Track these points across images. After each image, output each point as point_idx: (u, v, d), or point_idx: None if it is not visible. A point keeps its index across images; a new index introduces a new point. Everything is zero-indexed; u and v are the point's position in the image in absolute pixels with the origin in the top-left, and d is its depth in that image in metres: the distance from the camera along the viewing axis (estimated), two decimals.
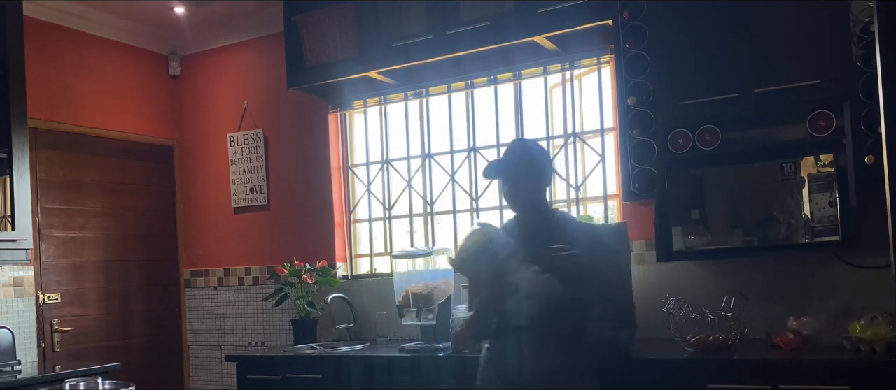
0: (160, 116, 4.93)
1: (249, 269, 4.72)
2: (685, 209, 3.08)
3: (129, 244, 4.69)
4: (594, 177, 3.75)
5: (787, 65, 2.85)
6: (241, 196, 4.74)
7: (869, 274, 2.96)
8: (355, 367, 3.44)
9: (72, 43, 4.43)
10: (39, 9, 4.19)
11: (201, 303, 4.91)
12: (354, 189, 4.48)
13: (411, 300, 3.53)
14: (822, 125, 2.81)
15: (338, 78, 3.99)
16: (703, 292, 3.21)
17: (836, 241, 2.80)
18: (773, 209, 2.92)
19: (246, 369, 3.77)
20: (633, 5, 3.15)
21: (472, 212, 4.07)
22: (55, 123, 4.31)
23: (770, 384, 2.58)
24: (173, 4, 4.45)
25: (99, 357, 4.25)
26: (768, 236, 2.93)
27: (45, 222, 4.24)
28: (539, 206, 2.65)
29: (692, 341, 2.89)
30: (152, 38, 4.87)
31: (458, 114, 4.13)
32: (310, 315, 4.14)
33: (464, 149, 4.10)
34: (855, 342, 2.64)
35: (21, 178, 3.66)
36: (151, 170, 4.87)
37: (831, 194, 2.79)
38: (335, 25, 3.94)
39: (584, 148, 3.81)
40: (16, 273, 4.02)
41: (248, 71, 4.78)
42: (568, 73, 3.82)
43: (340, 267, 4.39)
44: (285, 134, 4.63)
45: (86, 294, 4.43)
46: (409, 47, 3.73)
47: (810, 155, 2.85)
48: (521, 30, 3.45)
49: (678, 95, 3.04)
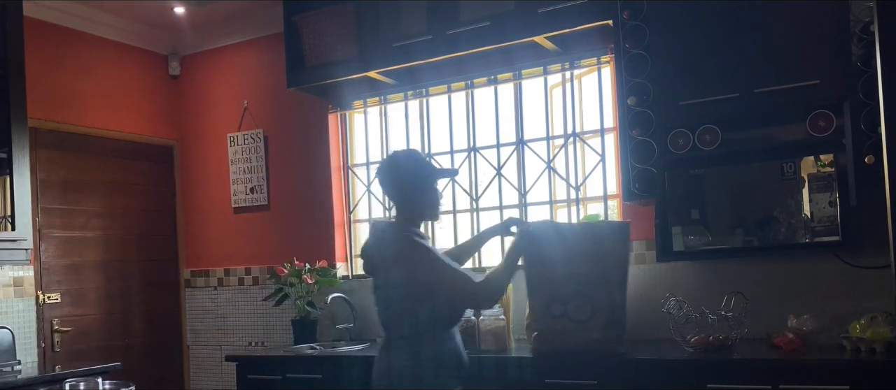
0: (160, 116, 4.93)
1: (249, 269, 4.72)
2: (685, 209, 3.08)
3: (129, 244, 4.69)
4: (594, 177, 3.75)
5: (787, 65, 2.85)
6: (241, 196, 4.74)
7: (869, 274, 2.96)
8: (355, 367, 3.43)
9: (72, 43, 4.43)
10: (39, 9, 4.19)
11: (201, 303, 4.91)
12: (354, 189, 4.48)
13: None
14: (822, 125, 2.82)
15: (338, 78, 3.99)
16: (703, 292, 3.22)
17: (836, 241, 2.81)
18: (773, 209, 2.93)
19: (246, 369, 3.77)
20: (633, 5, 3.15)
21: (472, 212, 4.07)
22: (55, 123, 4.31)
23: (770, 384, 2.58)
24: (173, 4, 4.45)
25: (99, 357, 4.25)
26: (768, 236, 2.93)
27: (45, 222, 4.24)
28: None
29: (692, 341, 2.89)
30: (152, 38, 4.87)
31: (458, 114, 4.13)
32: (310, 315, 4.14)
33: (464, 149, 4.10)
34: (855, 342, 2.64)
35: (21, 178, 3.66)
36: (151, 170, 4.87)
37: (831, 194, 2.80)
38: (335, 25, 3.94)
39: (584, 148, 3.81)
40: (16, 273, 4.02)
41: (248, 71, 4.78)
42: (568, 73, 3.82)
43: (340, 267, 4.39)
44: (285, 134, 4.63)
45: (86, 294, 4.43)
46: (409, 47, 3.73)
47: (810, 155, 2.85)
48: (521, 30, 3.45)
49: (678, 95, 3.04)
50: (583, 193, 3.80)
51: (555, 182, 3.87)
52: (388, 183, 2.68)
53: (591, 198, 3.79)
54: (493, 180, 4.01)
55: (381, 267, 2.64)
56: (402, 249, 2.54)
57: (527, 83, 3.95)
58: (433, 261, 2.51)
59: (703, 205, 3.10)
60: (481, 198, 4.05)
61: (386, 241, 2.64)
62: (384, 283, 2.62)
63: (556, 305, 2.96)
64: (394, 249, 2.58)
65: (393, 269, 2.56)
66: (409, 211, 2.65)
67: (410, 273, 2.51)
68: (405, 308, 2.56)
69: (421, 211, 2.67)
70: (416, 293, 2.52)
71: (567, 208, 3.82)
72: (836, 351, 2.69)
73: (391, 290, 2.58)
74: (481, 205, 4.05)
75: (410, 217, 2.65)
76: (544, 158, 3.88)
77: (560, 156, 3.84)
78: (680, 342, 2.96)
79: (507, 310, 3.45)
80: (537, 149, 3.91)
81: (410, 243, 2.53)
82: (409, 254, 2.52)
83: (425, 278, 2.50)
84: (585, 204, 3.80)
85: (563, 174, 3.82)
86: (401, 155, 2.71)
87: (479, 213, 4.05)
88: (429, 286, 2.50)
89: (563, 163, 3.82)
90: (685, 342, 2.93)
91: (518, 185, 3.95)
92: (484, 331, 3.32)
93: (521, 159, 3.95)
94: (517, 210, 3.95)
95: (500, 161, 3.99)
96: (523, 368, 3.06)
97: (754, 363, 2.68)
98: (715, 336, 2.89)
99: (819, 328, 2.87)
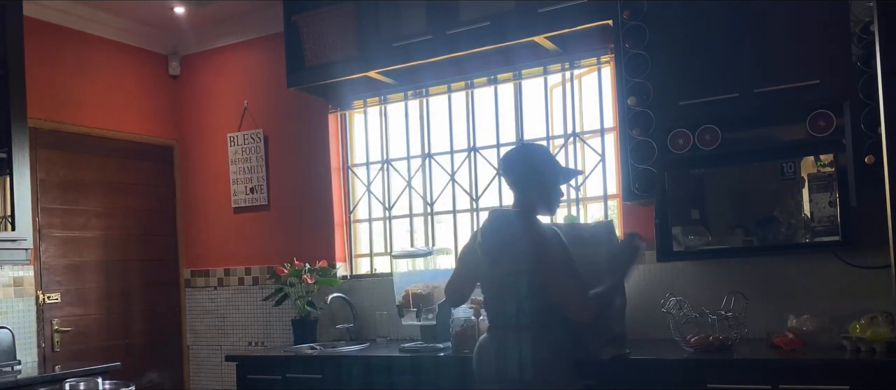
0: (160, 116, 4.93)
1: (249, 269, 4.72)
2: (685, 209, 3.08)
3: (129, 244, 4.69)
4: (594, 177, 3.76)
5: (787, 65, 2.85)
6: (241, 196, 4.74)
7: (869, 274, 2.96)
8: (355, 367, 3.44)
9: (72, 43, 4.43)
10: (39, 9, 4.19)
11: (201, 303, 4.91)
12: (354, 189, 4.48)
13: (411, 300, 3.53)
14: (822, 125, 2.82)
15: (338, 78, 4.00)
16: (703, 292, 3.22)
17: (836, 241, 2.80)
18: (773, 209, 2.92)
19: (246, 369, 3.77)
20: (633, 5, 3.14)
21: (472, 211, 4.07)
22: (55, 123, 4.31)
23: (770, 384, 2.58)
24: (173, 4, 4.45)
25: (99, 357, 4.25)
26: (768, 236, 2.93)
27: (45, 222, 4.24)
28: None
29: (692, 341, 2.89)
30: (152, 38, 4.87)
31: (458, 114, 4.13)
32: (310, 315, 4.14)
33: (464, 149, 4.10)
34: (855, 342, 2.64)
35: (21, 178, 3.66)
36: (151, 170, 4.87)
37: (831, 194, 2.79)
38: (335, 25, 3.94)
39: (584, 148, 3.81)
40: (16, 273, 4.02)
41: (248, 71, 4.78)
42: (568, 73, 3.82)
43: (340, 267, 4.39)
44: (285, 134, 4.63)
45: (86, 294, 4.43)
46: (409, 47, 3.73)
47: (810, 155, 2.85)
48: (521, 30, 3.45)
49: (678, 95, 3.04)
50: (583, 193, 3.80)
51: None
52: (518, 172, 2.70)
53: (591, 198, 3.79)
54: (492, 180, 4.01)
55: (507, 255, 2.62)
56: (547, 238, 2.55)
57: (527, 83, 3.95)
58: (568, 259, 2.53)
59: (702, 205, 3.10)
60: (481, 198, 4.05)
61: (516, 230, 2.62)
62: (511, 271, 2.60)
63: None
64: (532, 238, 2.57)
65: (527, 257, 2.55)
66: (531, 201, 2.68)
67: (547, 261, 2.52)
68: (535, 295, 2.57)
69: (546, 204, 2.71)
70: (547, 280, 2.54)
71: (567, 208, 3.82)
72: (836, 351, 2.69)
73: (520, 277, 2.57)
74: (481, 205, 4.05)
75: (531, 208, 2.68)
76: None
77: (560, 156, 3.83)
78: (680, 342, 2.96)
79: None
80: None
81: (551, 233, 2.57)
82: (551, 243, 2.54)
83: (558, 269, 2.52)
84: (585, 204, 3.80)
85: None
86: (535, 148, 2.82)
87: (478, 213, 4.05)
88: (555, 278, 2.52)
89: (564, 163, 3.82)
90: (685, 342, 2.93)
91: None
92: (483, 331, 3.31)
93: None
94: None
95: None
96: None
97: (754, 363, 2.68)
98: (715, 336, 2.89)
99: (819, 328, 2.87)
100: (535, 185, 2.68)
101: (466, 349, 3.28)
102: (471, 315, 3.34)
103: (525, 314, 2.61)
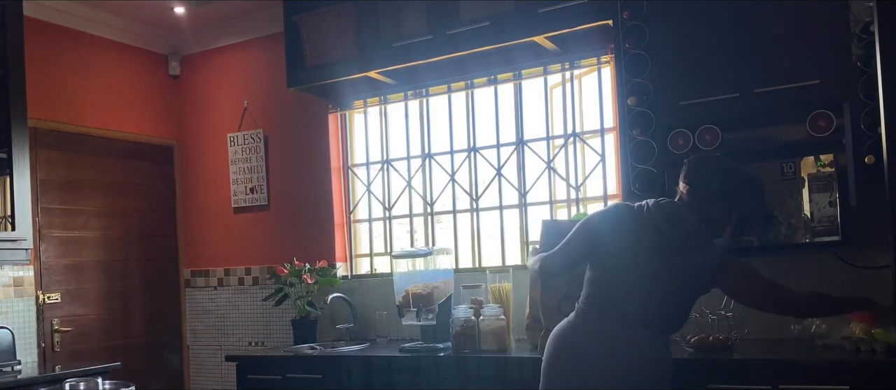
0: (160, 116, 4.93)
1: (249, 269, 4.72)
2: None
3: (129, 244, 4.69)
4: (594, 177, 3.75)
5: (787, 65, 2.84)
6: (241, 196, 4.74)
7: (869, 274, 2.95)
8: (355, 367, 3.44)
9: (72, 43, 4.43)
10: (39, 9, 4.19)
11: (201, 303, 4.91)
12: (354, 189, 4.48)
13: (411, 300, 3.53)
14: (822, 125, 2.81)
15: (338, 78, 4.00)
16: None
17: (836, 241, 2.81)
18: (773, 209, 2.92)
19: (246, 369, 3.77)
20: (633, 5, 3.14)
21: (472, 212, 4.07)
22: (55, 123, 4.31)
23: (770, 384, 2.58)
24: (173, 4, 4.45)
25: (99, 357, 4.25)
26: (768, 236, 2.93)
27: (45, 222, 4.25)
28: None
29: (692, 341, 2.89)
30: (152, 38, 4.87)
31: (458, 114, 4.13)
32: (310, 315, 4.14)
33: (464, 149, 4.10)
34: (855, 342, 2.64)
35: (21, 178, 3.66)
36: (151, 170, 4.87)
37: (831, 194, 2.80)
38: (335, 25, 3.94)
39: (584, 148, 3.81)
40: (16, 273, 4.02)
41: (248, 71, 4.78)
42: (568, 73, 3.82)
43: (340, 267, 4.39)
44: (285, 134, 4.63)
45: (86, 294, 4.43)
46: (409, 47, 3.73)
47: (810, 155, 2.85)
48: (521, 30, 3.45)
49: (678, 95, 3.04)
50: (583, 193, 3.80)
51: (555, 182, 3.87)
52: (709, 185, 2.51)
53: (592, 198, 3.79)
54: (493, 180, 4.02)
55: (681, 254, 2.45)
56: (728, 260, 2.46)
57: (527, 83, 3.95)
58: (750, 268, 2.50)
59: None
60: (481, 198, 4.05)
61: (700, 238, 2.48)
62: (674, 269, 2.45)
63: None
64: (714, 253, 2.46)
65: (698, 268, 2.46)
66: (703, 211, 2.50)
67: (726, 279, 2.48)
68: (679, 301, 2.52)
69: (719, 221, 2.55)
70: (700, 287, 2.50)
71: (567, 208, 3.82)
72: (836, 351, 2.69)
73: (681, 279, 2.47)
74: (481, 206, 4.05)
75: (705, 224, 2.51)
76: (544, 158, 3.88)
77: (560, 156, 3.84)
78: (680, 342, 2.96)
79: (508, 310, 3.45)
80: (537, 150, 3.91)
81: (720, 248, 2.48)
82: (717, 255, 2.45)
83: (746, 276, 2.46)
84: (585, 204, 3.80)
85: (563, 174, 3.82)
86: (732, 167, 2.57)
87: (479, 213, 4.06)
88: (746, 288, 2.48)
89: (564, 164, 3.82)
90: (685, 342, 2.93)
91: (518, 185, 3.95)
92: (484, 332, 3.32)
93: (521, 159, 3.95)
94: (517, 210, 3.95)
95: (500, 161, 3.99)
96: (523, 368, 3.06)
97: (754, 363, 2.68)
98: (715, 336, 2.89)
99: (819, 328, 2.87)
100: (717, 198, 2.50)
101: (466, 349, 3.28)
102: (471, 315, 3.34)
103: (653, 311, 2.46)
